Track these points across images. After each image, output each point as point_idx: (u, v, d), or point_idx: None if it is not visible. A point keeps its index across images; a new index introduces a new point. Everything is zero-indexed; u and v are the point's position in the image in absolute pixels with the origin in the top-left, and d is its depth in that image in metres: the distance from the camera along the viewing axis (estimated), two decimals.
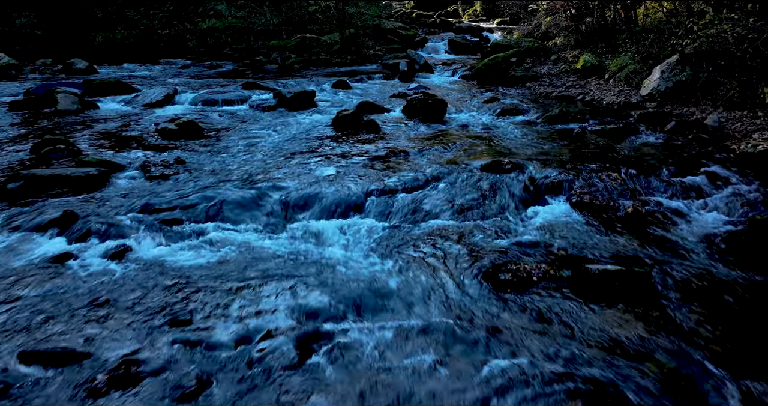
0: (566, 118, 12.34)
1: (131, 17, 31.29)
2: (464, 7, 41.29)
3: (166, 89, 15.53)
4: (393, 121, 12.66)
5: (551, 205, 8.02)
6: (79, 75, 19.68)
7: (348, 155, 9.97)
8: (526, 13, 29.22)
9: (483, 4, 37.96)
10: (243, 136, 11.52)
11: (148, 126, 12.27)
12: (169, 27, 30.25)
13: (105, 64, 23.03)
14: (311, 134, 11.60)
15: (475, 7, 39.38)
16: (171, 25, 30.33)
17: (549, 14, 25.25)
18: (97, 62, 22.90)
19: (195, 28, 29.23)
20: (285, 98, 14.49)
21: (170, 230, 7.17)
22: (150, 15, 31.42)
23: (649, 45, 14.37)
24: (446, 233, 7.11)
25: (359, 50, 23.63)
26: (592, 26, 18.25)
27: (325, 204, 7.93)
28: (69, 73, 20.09)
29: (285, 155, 10.10)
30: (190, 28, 29.52)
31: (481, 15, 37.66)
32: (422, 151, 10.20)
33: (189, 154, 10.21)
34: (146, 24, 30.69)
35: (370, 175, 8.94)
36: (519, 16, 31.91)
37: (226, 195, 7.94)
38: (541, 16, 26.64)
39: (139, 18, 31.20)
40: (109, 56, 25.70)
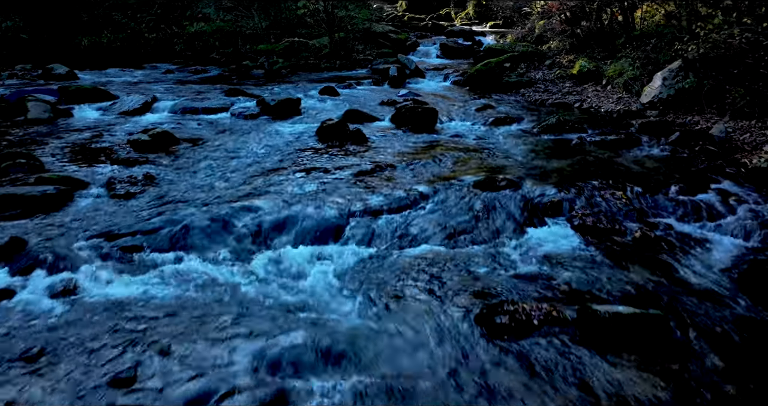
0: (563, 127, 11.57)
1: (118, 21, 30.45)
2: (456, 10, 40.56)
3: (144, 96, 14.72)
4: (381, 131, 11.88)
5: (551, 228, 7.26)
6: (58, 80, 18.83)
7: (331, 170, 9.19)
8: (520, 16, 28.47)
9: (475, 7, 37.22)
10: (220, 148, 10.72)
11: (121, 137, 11.46)
12: (157, 30, 29.44)
13: (88, 68, 22.18)
14: (293, 146, 10.82)
15: (467, 10, 38.66)
16: (158, 29, 29.52)
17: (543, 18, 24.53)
18: (81, 67, 22.11)
19: (182, 32, 28.42)
20: (268, 106, 13.70)
21: (128, 259, 6.41)
22: (137, 18, 30.59)
23: (651, 50, 13.58)
24: (435, 262, 6.34)
25: (349, 54, 22.84)
26: (588, 30, 17.44)
27: (302, 228, 7.16)
28: (48, 78, 19.24)
29: (263, 170, 9.32)
30: (178, 31, 28.71)
31: (474, 18, 36.94)
32: (411, 165, 9.42)
33: (160, 169, 9.42)
34: (133, 27, 29.87)
35: (354, 193, 8.17)
36: (512, 20, 31.16)
37: (194, 218, 7.16)
38: (535, 19, 25.92)
39: (126, 21, 30.37)
40: (95, 60, 24.87)
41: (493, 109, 13.89)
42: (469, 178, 8.66)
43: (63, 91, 15.20)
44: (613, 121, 12.26)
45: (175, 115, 13.68)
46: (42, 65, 21.07)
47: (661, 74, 12.53)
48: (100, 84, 17.81)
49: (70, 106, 14.13)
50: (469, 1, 38.80)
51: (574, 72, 16.67)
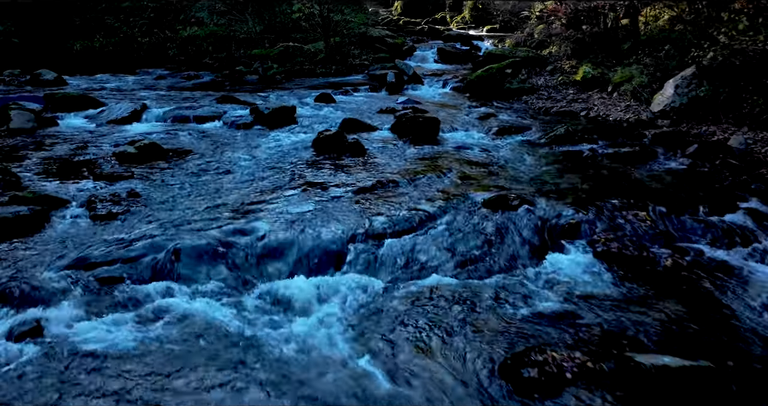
0: (573, 138, 10.88)
1: (111, 25, 29.73)
2: (452, 14, 39.83)
3: (133, 104, 13.96)
4: (381, 142, 11.16)
5: (570, 254, 6.55)
6: (47, 86, 18.08)
7: (329, 186, 8.47)
8: (518, 20, 27.80)
9: (472, 11, 36.50)
10: (211, 161, 9.99)
11: (106, 148, 10.72)
12: (150, 35, 28.71)
13: (78, 73, 21.40)
14: (288, 159, 10.09)
15: (463, 14, 37.92)
16: (151, 33, 28.78)
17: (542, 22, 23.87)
18: (72, 72, 21.35)
19: (176, 36, 27.70)
20: (262, 114, 12.96)
21: (106, 293, 5.69)
22: (130, 22, 29.86)
23: (665, 56, 12.86)
24: (447, 297, 5.62)
25: (345, 59, 22.11)
26: (591, 35, 16.72)
27: (300, 255, 6.46)
28: (36, 84, 18.48)
29: (256, 187, 8.60)
30: (171, 35, 27.98)
31: (470, 22, 36.20)
32: (414, 181, 8.71)
33: (146, 185, 8.69)
34: (126, 31, 29.16)
35: (354, 213, 7.46)
36: (510, 24, 30.48)
37: (181, 243, 6.43)
38: (533, 23, 25.25)
39: (119, 25, 29.65)
40: (86, 65, 24.13)
41: (496, 118, 13.18)
42: (478, 195, 7.96)
43: (49, 98, 14.45)
44: (624, 131, 11.55)
45: (165, 124, 12.95)
46: (32, 70, 20.24)
47: (673, 82, 11.85)
48: (89, 90, 17.12)
49: (55, 115, 13.40)
50: (465, 5, 38.07)
51: (577, 78, 15.99)
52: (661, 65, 12.87)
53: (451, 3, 40.38)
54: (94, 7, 30.66)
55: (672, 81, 11.93)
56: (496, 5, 31.36)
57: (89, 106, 14.23)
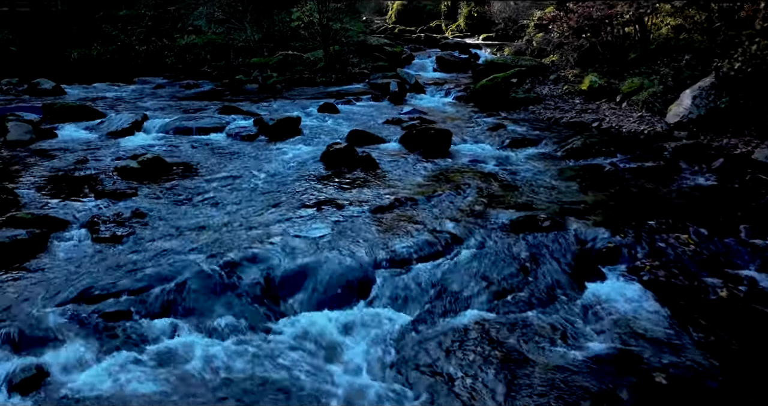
0: (590, 151, 10.27)
1: (108, 33, 29.05)
2: (447, 22, 39.24)
3: (134, 115, 13.28)
4: (391, 155, 10.53)
5: (612, 282, 5.93)
6: (45, 96, 17.41)
7: (344, 205, 7.83)
8: (517, 28, 27.21)
9: (467, 19, 35.91)
10: (217, 176, 9.33)
11: (108, 162, 10.06)
12: (147, 43, 28.02)
13: (76, 82, 20.68)
14: (298, 173, 9.45)
15: (458, 23, 37.34)
16: (149, 41, 28.10)
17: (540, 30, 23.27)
18: (69, 81, 20.62)
19: (173, 45, 27.03)
20: (266, 126, 12.31)
21: (111, 331, 5.03)
22: (128, 31, 29.18)
23: (685, 66, 12.21)
24: (486, 338, 4.98)
25: (344, 68, 21.49)
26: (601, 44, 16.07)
27: (320, 284, 5.81)
28: (34, 93, 17.79)
29: (267, 205, 7.95)
30: (169, 44, 27.30)
31: (465, 30, 35.60)
32: (433, 199, 8.08)
33: (150, 203, 8.03)
34: (123, 40, 28.47)
35: (375, 235, 6.83)
36: (506, 32, 29.89)
37: (191, 272, 5.79)
38: (532, 32, 24.65)
39: (117, 33, 28.98)
40: (84, 74, 23.43)
41: (505, 129, 12.55)
42: (504, 215, 7.34)
43: (47, 109, 13.78)
44: (641, 143, 10.93)
45: (166, 136, 12.27)
46: (30, 79, 19.50)
47: (691, 92, 11.23)
48: (87, 100, 16.45)
49: (54, 126, 12.72)
50: (459, 13, 37.49)
51: (583, 87, 15.38)
52: (678, 75, 12.21)
53: (445, 11, 39.82)
54: (92, 16, 29.99)
55: (689, 91, 11.32)
56: (494, 13, 30.74)
57: (89, 117, 13.57)
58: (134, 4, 30.74)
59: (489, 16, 32.67)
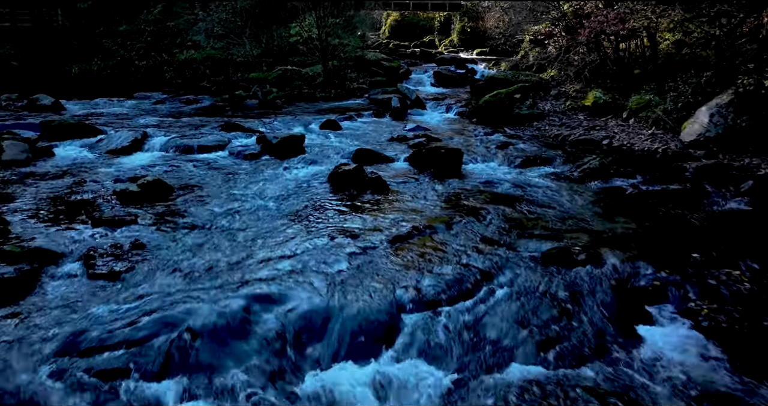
0: (607, 172, 9.49)
1: (108, 48, 28.24)
2: (440, 37, 38.56)
3: (134, 132, 12.43)
4: (401, 176, 9.72)
5: (665, 327, 5.13)
6: (44, 112, 16.53)
7: (359, 234, 7.00)
8: (513, 43, 26.48)
9: (460, 34, 35.21)
10: (221, 199, 8.50)
11: (106, 184, 9.22)
12: (147, 58, 27.21)
13: (76, 98, 19.77)
14: (306, 196, 8.63)
15: (451, 38, 36.66)
16: (149, 56, 27.29)
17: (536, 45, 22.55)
18: (68, 96, 19.73)
19: (173, 59, 26.21)
20: (270, 144, 11.49)
21: (107, 394, 4.16)
22: (127, 46, 28.36)
23: (705, 83, 11.38)
24: (539, 400, 4.13)
25: (343, 83, 20.69)
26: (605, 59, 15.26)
27: (343, 332, 4.99)
28: (33, 109, 16.89)
29: (276, 234, 7.11)
30: (168, 59, 26.48)
31: (458, 45, 34.92)
32: (452, 226, 7.26)
33: (151, 232, 7.17)
34: (123, 55, 27.65)
35: (396, 270, 6.00)
36: (501, 47, 29.16)
37: (198, 318, 4.94)
38: (527, 47, 23.94)
39: (117, 48, 28.16)
40: (84, 89, 22.62)
41: (514, 147, 11.76)
42: (532, 245, 6.55)
43: (45, 126, 12.93)
44: (658, 163, 10.14)
45: (167, 155, 11.43)
46: (31, 94, 18.60)
47: (707, 110, 10.46)
48: (87, 116, 15.60)
49: (51, 144, 11.86)
50: (453, 29, 36.79)
51: (587, 103, 14.61)
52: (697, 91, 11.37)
53: (438, 27, 39.12)
54: (92, 31, 29.18)
55: (705, 109, 10.55)
56: (488, 28, 30.02)
57: (87, 134, 12.71)
58: (134, 20, 29.92)
59: (482, 31, 31.97)
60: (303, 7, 22.76)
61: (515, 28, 25.07)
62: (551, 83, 17.60)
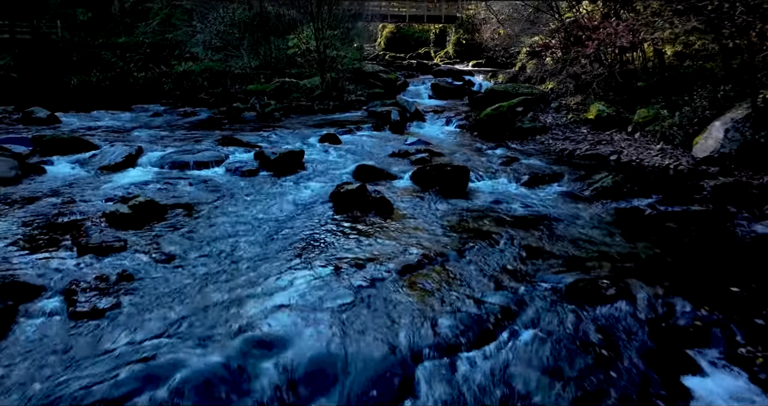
0: (620, 191, 8.80)
1: (107, 60, 27.56)
2: (436, 49, 37.89)
3: (128, 147, 11.68)
4: (405, 195, 9.01)
5: (714, 377, 4.41)
6: (39, 125, 15.78)
7: (364, 262, 6.27)
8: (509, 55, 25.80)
9: (455, 46, 34.54)
10: (216, 223, 7.76)
11: (97, 204, 8.48)
12: (146, 70, 26.52)
13: (73, 110, 18.98)
14: (306, 219, 7.90)
15: (446, 50, 35.99)
16: (147, 68, 26.59)
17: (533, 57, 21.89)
18: (66, 109, 19.00)
19: (171, 71, 25.50)
20: (268, 160, 10.77)
21: None
22: (126, 58, 27.66)
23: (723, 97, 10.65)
24: None
25: (341, 95, 19.97)
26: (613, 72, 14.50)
27: (352, 383, 4.28)
28: (28, 122, 16.11)
29: (275, 263, 6.37)
30: (167, 70, 25.78)
31: (453, 57, 34.25)
32: (464, 253, 6.55)
33: (140, 260, 6.43)
34: (122, 67, 26.96)
35: (407, 307, 5.27)
36: (496, 59, 28.49)
37: (189, 369, 4.22)
38: (524, 58, 23.27)
39: (116, 60, 27.47)
40: (82, 100, 21.90)
41: (519, 163, 11.07)
42: (553, 277, 5.84)
43: (37, 141, 12.18)
44: (672, 180, 9.46)
45: (162, 171, 10.68)
46: (31, 105, 17.83)
47: (721, 125, 9.77)
48: (82, 129, 14.87)
49: (43, 160, 11.14)
50: (448, 41, 36.12)
51: (589, 117, 13.92)
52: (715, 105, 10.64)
53: (434, 39, 38.46)
54: (92, 43, 28.50)
55: (719, 123, 9.86)
56: (483, 40, 29.34)
57: (80, 149, 11.98)
58: (133, 32, 29.24)
59: (478, 43, 31.30)
60: (301, 18, 22.08)
61: (512, 40, 24.42)
62: (551, 96, 16.91)
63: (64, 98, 22.34)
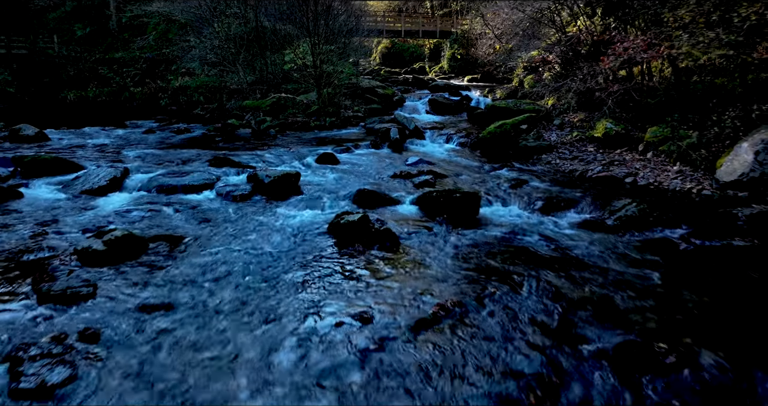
0: (647, 220, 7.70)
1: (104, 75, 26.53)
2: (431, 64, 36.82)
3: (114, 169, 10.52)
4: (411, 224, 7.88)
5: None
6: (27, 142, 14.67)
7: (372, 316, 5.15)
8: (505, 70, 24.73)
9: (450, 61, 33.48)
10: (201, 261, 6.61)
11: (71, 236, 7.34)
12: (142, 84, 25.51)
13: (65, 126, 17.83)
14: (302, 255, 6.76)
15: (441, 65, 34.93)
16: (144, 83, 25.57)
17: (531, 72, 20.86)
18: (57, 125, 17.89)
19: (167, 86, 24.45)
20: (262, 183, 9.63)
21: None
22: (123, 73, 26.63)
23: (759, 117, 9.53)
24: None
25: (338, 111, 18.86)
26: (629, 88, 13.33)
27: None
28: (15, 140, 14.95)
29: (266, 316, 5.23)
30: (163, 85, 24.73)
31: (448, 72, 33.19)
32: (485, 303, 5.42)
33: (109, 312, 5.28)
34: (119, 81, 25.92)
35: (427, 381, 4.12)
36: (492, 74, 27.43)
37: None
38: (521, 73, 22.21)
39: (112, 75, 26.43)
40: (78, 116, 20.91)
41: (529, 185, 9.96)
42: (596, 336, 4.75)
43: (18, 162, 11.06)
44: (698, 207, 8.36)
45: (148, 196, 9.55)
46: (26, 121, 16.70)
47: (750, 146, 8.68)
48: (71, 147, 13.71)
49: (23, 182, 10.06)
50: (443, 56, 35.06)
51: (597, 134, 12.82)
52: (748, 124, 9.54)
53: (428, 54, 37.42)
54: (89, 58, 27.48)
55: (747, 145, 8.78)
56: (479, 56, 28.28)
57: (64, 171, 10.89)
58: (130, 47, 28.20)
59: (473, 58, 30.25)
60: (297, 33, 21.00)
61: (508, 55, 23.37)
62: (553, 112, 15.82)
63: (59, 114, 21.41)
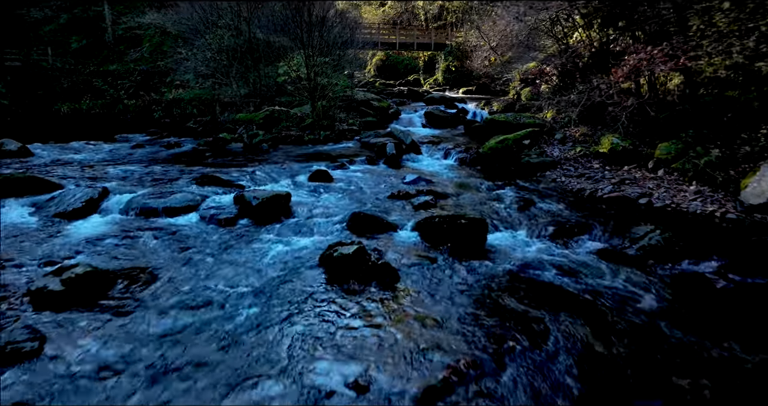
0: (673, 250, 6.72)
1: (98, 87, 25.57)
2: (425, 76, 35.87)
3: (92, 190, 9.48)
4: (411, 256, 6.87)
5: None
6: (8, 157, 13.64)
7: (369, 382, 4.15)
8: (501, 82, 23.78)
9: (445, 73, 32.53)
10: (175, 302, 5.59)
11: (29, 271, 6.32)
12: (136, 97, 24.54)
13: (52, 140, 16.76)
14: (289, 295, 5.75)
15: (436, 77, 33.97)
16: (137, 96, 24.58)
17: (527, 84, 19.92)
18: (46, 139, 16.81)
19: (161, 99, 23.47)
20: (249, 205, 8.62)
21: None
22: (117, 85, 25.67)
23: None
24: None
25: (332, 124, 17.85)
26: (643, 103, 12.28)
27: None
28: None
29: (240, 378, 4.19)
30: (157, 98, 23.75)
31: (443, 84, 32.23)
32: (505, 363, 4.42)
33: (55, 374, 4.27)
34: (112, 94, 24.95)
35: None
36: (488, 86, 26.48)
37: None
38: (517, 86, 21.26)
39: (106, 88, 25.48)
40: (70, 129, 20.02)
41: (537, 208, 8.97)
42: None
43: None
44: (726, 233, 7.38)
45: (125, 219, 8.53)
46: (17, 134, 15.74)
47: None
48: (53, 164, 12.67)
49: None
50: (437, 68, 34.13)
51: (602, 150, 11.84)
52: None
53: (423, 66, 36.49)
54: (83, 70, 26.52)
55: None
56: (474, 68, 27.34)
57: (39, 190, 9.85)
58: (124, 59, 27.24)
59: (468, 71, 29.32)
60: (291, 45, 20.02)
61: (504, 67, 22.43)
62: (554, 126, 14.85)
63: (51, 126, 20.46)
